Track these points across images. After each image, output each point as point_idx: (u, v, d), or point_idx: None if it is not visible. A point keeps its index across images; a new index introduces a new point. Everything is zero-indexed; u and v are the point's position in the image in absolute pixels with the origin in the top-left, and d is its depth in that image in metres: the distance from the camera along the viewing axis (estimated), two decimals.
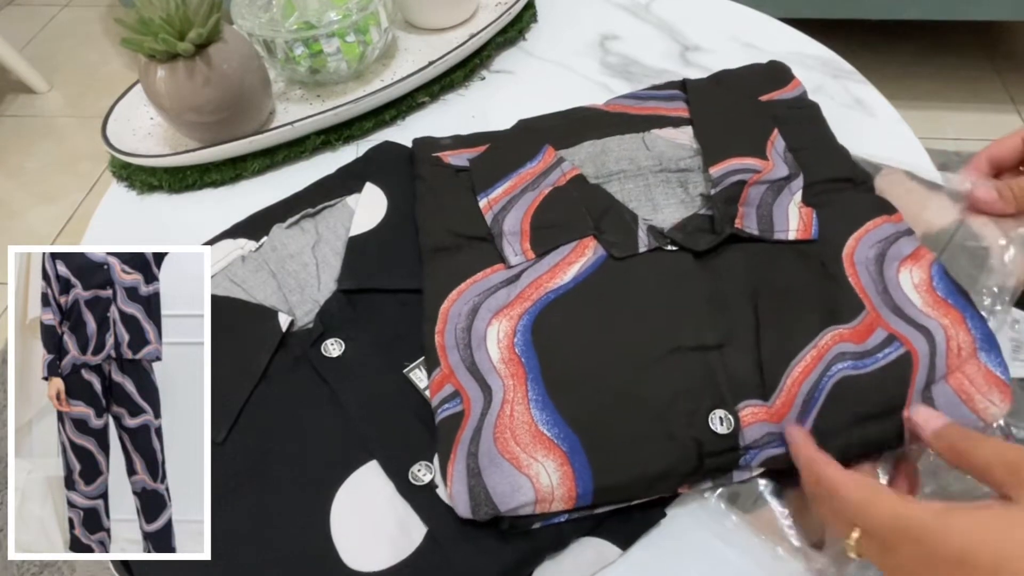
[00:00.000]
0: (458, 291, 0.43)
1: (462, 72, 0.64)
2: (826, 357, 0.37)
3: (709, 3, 0.70)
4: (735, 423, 0.36)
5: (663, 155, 0.50)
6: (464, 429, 0.37)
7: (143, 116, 0.62)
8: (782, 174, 0.46)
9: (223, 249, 0.49)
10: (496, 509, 0.34)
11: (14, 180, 1.54)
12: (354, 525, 0.36)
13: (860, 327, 0.39)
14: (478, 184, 0.48)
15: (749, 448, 0.36)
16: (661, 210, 0.47)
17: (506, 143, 0.52)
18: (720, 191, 0.45)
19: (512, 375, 0.38)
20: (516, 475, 0.35)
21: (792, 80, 0.54)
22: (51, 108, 1.70)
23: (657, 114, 0.53)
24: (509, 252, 0.44)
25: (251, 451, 0.39)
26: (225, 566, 0.36)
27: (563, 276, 0.42)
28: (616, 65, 0.65)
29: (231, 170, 0.58)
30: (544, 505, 0.34)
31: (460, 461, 0.36)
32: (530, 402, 0.37)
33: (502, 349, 0.40)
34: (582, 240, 0.44)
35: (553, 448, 0.35)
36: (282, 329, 0.43)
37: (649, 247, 0.43)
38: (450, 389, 0.39)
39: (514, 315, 0.41)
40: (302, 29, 0.58)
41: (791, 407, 0.36)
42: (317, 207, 0.50)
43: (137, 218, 0.57)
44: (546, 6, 0.72)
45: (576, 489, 0.34)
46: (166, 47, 0.51)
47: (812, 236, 0.43)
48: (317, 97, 0.62)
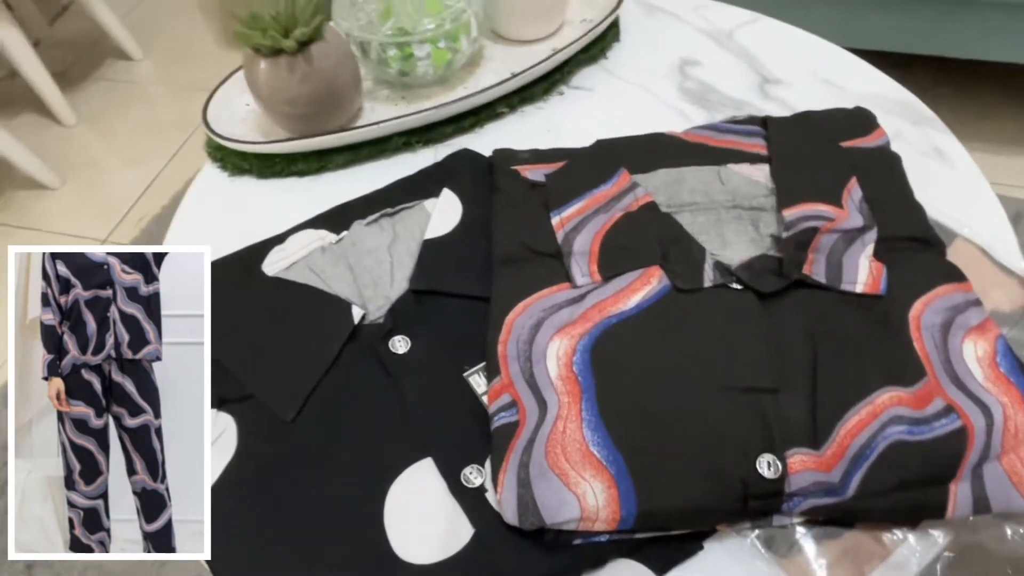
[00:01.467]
0: (524, 304, 0.45)
1: (542, 86, 0.66)
2: (881, 417, 0.38)
3: (792, 36, 0.70)
4: (783, 469, 0.36)
5: (737, 191, 0.50)
6: (518, 438, 0.39)
7: (240, 102, 0.66)
8: (856, 224, 0.46)
9: (306, 238, 0.52)
10: (542, 520, 0.36)
11: (105, 141, 1.63)
12: (406, 518, 0.39)
13: (919, 393, 0.39)
14: (552, 201, 0.50)
15: (794, 495, 0.36)
16: (730, 246, 0.47)
17: (583, 162, 0.53)
18: (792, 235, 0.45)
19: (568, 392, 0.40)
20: (564, 491, 0.36)
21: (876, 129, 0.54)
22: (143, 75, 1.79)
23: (735, 148, 0.54)
24: (576, 272, 0.46)
25: (316, 434, 0.42)
26: (288, 538, 0.39)
27: (627, 302, 0.44)
28: (694, 91, 0.65)
29: (317, 162, 0.61)
30: (587, 524, 0.36)
31: (512, 470, 0.38)
32: (583, 421, 0.39)
33: (560, 366, 0.41)
34: (648, 268, 0.45)
35: (601, 469, 0.37)
36: (354, 321, 0.46)
37: (714, 282, 0.44)
38: (508, 398, 0.41)
39: (575, 334, 0.42)
40: (397, 34, 0.61)
41: (841, 458, 0.37)
42: (396, 207, 0.53)
43: (226, 199, 0.61)
44: (630, 26, 0.73)
45: (620, 512, 0.36)
46: (272, 43, 0.55)
47: (880, 291, 0.43)
48: (402, 99, 0.65)
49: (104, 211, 1.48)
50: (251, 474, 0.41)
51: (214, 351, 0.45)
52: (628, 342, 0.42)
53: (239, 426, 0.43)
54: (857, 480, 0.36)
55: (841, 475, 0.36)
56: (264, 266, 0.50)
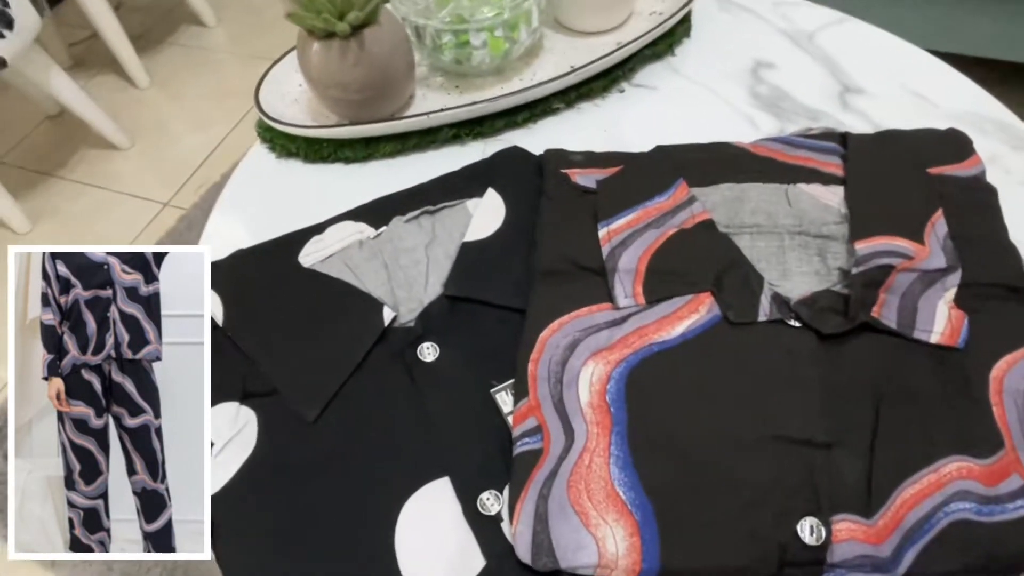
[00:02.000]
0: (560, 322, 0.42)
1: (603, 82, 0.62)
2: (946, 489, 0.34)
3: (881, 40, 0.65)
4: (827, 536, 0.33)
5: (805, 215, 0.46)
6: (540, 468, 0.37)
7: (293, 82, 0.65)
8: (938, 265, 0.41)
9: (344, 230, 0.51)
10: (556, 563, 0.34)
11: (175, 104, 1.67)
12: (417, 539, 0.37)
13: (995, 467, 0.35)
14: (601, 211, 0.47)
15: (836, 567, 0.33)
16: (791, 278, 0.43)
17: (639, 169, 0.50)
18: (862, 271, 0.41)
19: (598, 423, 0.38)
20: (583, 532, 0.34)
21: (971, 156, 0.48)
22: (215, 43, 1.82)
23: (808, 166, 0.49)
24: (619, 292, 0.43)
25: (337, 438, 0.41)
26: (297, 543, 0.38)
27: (671, 330, 0.41)
28: (766, 96, 0.61)
29: (364, 149, 0.60)
30: (605, 571, 0.34)
31: (530, 501, 0.36)
32: (611, 457, 0.36)
33: (593, 393, 0.39)
34: (698, 295, 0.42)
35: (626, 513, 0.35)
36: (385, 323, 0.44)
37: (770, 317, 0.40)
38: (533, 423, 0.39)
39: (612, 360, 0.40)
40: (454, 21, 0.58)
41: (895, 531, 0.33)
42: (438, 205, 0.51)
43: (272, 180, 0.61)
44: (702, 22, 0.68)
45: (641, 564, 0.33)
46: (325, 25, 0.53)
47: (958, 344, 0.39)
48: (455, 88, 0.63)
49: (168, 174, 1.51)
50: (268, 474, 0.41)
51: (241, 342, 0.45)
52: (668, 374, 0.39)
53: (260, 422, 0.42)
54: (911, 558, 0.33)
55: (893, 550, 0.33)
56: (301, 256, 0.49)
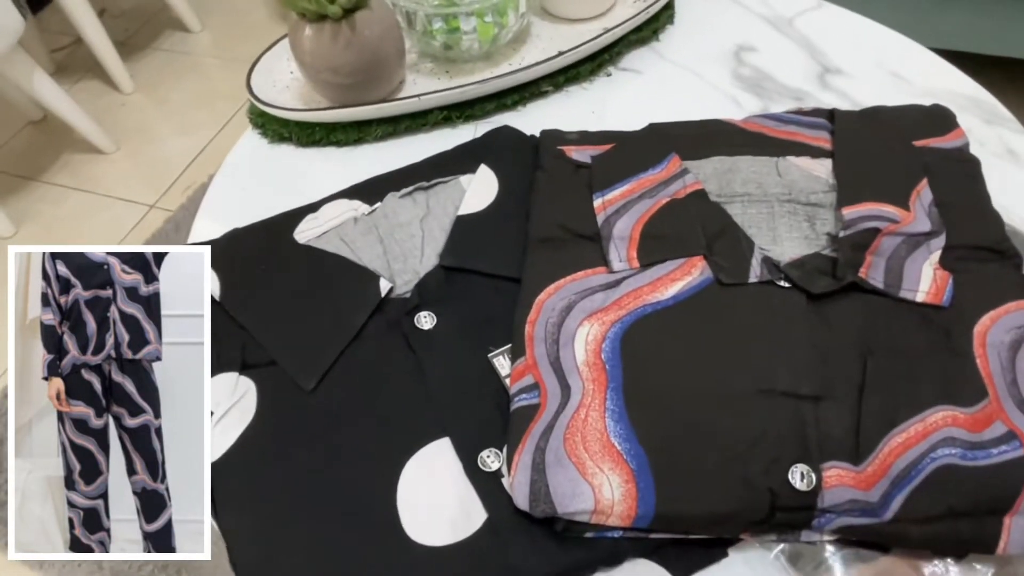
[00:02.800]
0: (556, 285, 0.43)
1: (589, 66, 0.64)
2: (932, 437, 0.35)
3: (858, 24, 0.67)
4: (817, 482, 0.34)
5: (794, 185, 0.47)
6: (537, 422, 0.37)
7: (284, 70, 0.66)
8: (923, 229, 0.43)
9: (338, 208, 0.51)
10: (553, 509, 0.34)
11: (159, 109, 1.67)
12: (419, 498, 0.38)
13: (979, 415, 0.36)
14: (596, 183, 0.48)
15: (826, 511, 0.34)
16: (781, 242, 0.45)
17: (632, 145, 0.51)
18: (850, 234, 0.42)
19: (593, 380, 0.38)
20: (579, 481, 0.35)
21: (955, 129, 0.50)
22: (199, 47, 1.82)
23: (797, 140, 0.50)
24: (614, 257, 0.44)
25: (335, 405, 0.42)
26: (297, 512, 0.38)
27: (664, 291, 0.41)
28: (749, 78, 0.63)
29: (355, 132, 0.61)
30: (600, 517, 0.34)
31: (527, 453, 0.36)
32: (606, 411, 0.37)
33: (588, 352, 0.40)
34: (691, 258, 0.43)
35: (621, 463, 0.35)
36: (381, 294, 0.45)
37: (760, 278, 0.41)
38: (530, 380, 0.39)
39: (607, 321, 0.41)
40: (443, 5, 0.60)
41: (883, 477, 0.34)
42: (431, 181, 0.52)
43: (265, 165, 0.61)
44: (685, 8, 0.70)
45: (636, 510, 0.34)
46: (317, 8, 0.54)
47: (943, 303, 0.40)
48: (445, 73, 0.64)
49: (154, 177, 1.51)
50: (268, 441, 0.41)
51: (238, 315, 0.45)
52: (662, 333, 0.40)
53: (260, 391, 0.43)
54: (898, 502, 0.34)
55: (881, 495, 0.34)
56: (296, 233, 0.50)
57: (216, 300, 0.46)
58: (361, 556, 0.37)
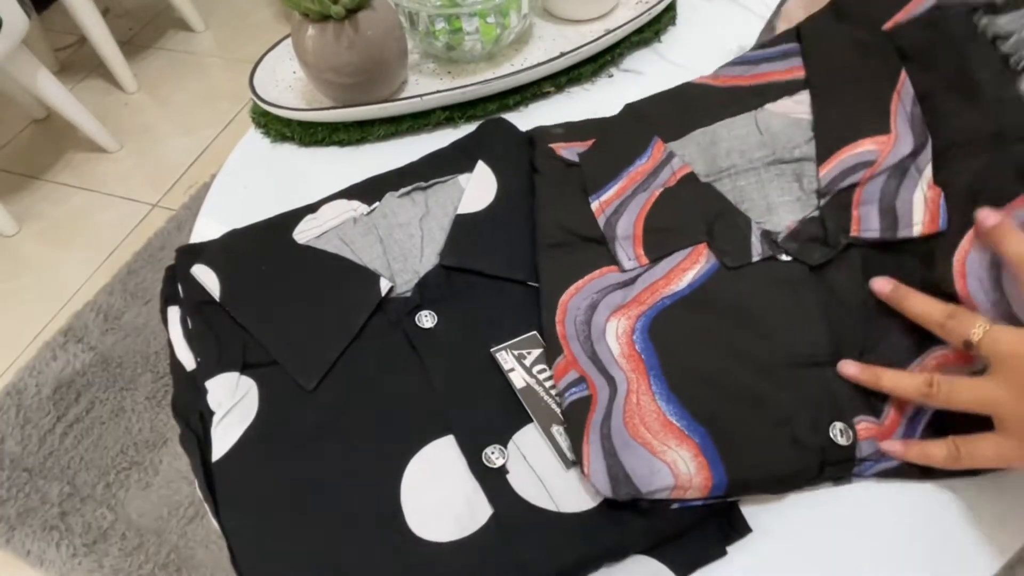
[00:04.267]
0: (576, 286, 0.44)
1: (591, 67, 0.64)
2: None
3: None
4: (854, 436, 0.37)
5: (776, 140, 0.47)
6: (594, 411, 0.38)
7: (287, 69, 0.66)
8: (906, 150, 0.42)
9: (337, 208, 0.51)
10: (637, 490, 0.35)
11: (162, 109, 1.67)
12: (424, 494, 0.38)
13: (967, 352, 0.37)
14: (590, 185, 0.48)
15: (864, 460, 0.37)
16: (776, 210, 0.45)
17: (615, 135, 0.51)
18: (830, 200, 0.43)
19: (633, 369, 0.40)
20: (653, 459, 0.36)
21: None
22: (203, 47, 1.82)
23: (771, 81, 0.50)
24: (623, 257, 0.44)
25: (337, 404, 0.42)
26: (300, 511, 0.38)
27: (679, 282, 0.43)
28: None
29: (358, 132, 0.61)
30: (680, 492, 0.35)
31: (594, 442, 0.37)
32: (655, 394, 0.38)
33: (622, 345, 0.41)
34: (695, 247, 0.44)
35: (684, 439, 0.37)
36: (381, 293, 0.45)
37: (762, 255, 0.43)
38: (575, 375, 0.40)
39: (631, 315, 0.42)
40: (446, 6, 0.60)
41: (899, 425, 0.37)
42: (429, 181, 0.52)
43: (267, 164, 0.61)
44: (687, 10, 0.70)
45: (712, 479, 0.35)
46: (320, 8, 0.54)
47: (940, 227, 0.40)
48: (448, 73, 0.64)
49: (157, 177, 1.51)
50: (269, 440, 0.41)
51: (239, 315, 0.45)
52: (686, 320, 0.41)
53: (261, 391, 0.43)
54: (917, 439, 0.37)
55: (900, 436, 0.37)
56: (295, 233, 0.50)
57: (217, 300, 0.46)
58: (365, 552, 0.37)
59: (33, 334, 1.27)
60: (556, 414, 0.40)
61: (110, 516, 1.01)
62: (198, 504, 1.01)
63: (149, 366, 1.17)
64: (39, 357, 1.20)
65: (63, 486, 1.05)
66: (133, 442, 1.09)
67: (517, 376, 0.41)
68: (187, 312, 0.47)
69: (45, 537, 1.00)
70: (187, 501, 1.02)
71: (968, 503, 0.37)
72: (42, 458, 1.08)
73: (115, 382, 1.16)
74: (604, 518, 0.36)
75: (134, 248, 1.36)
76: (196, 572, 0.95)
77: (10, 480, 1.06)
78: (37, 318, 1.29)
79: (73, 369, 1.18)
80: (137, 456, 1.08)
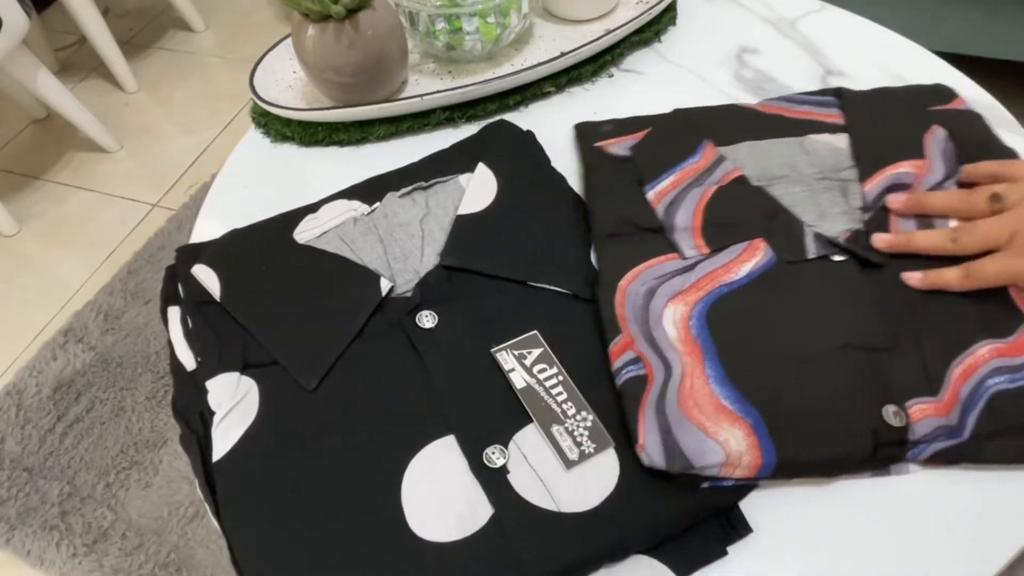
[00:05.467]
0: (634, 272, 0.46)
1: (592, 67, 0.64)
2: (982, 369, 0.39)
3: (861, 28, 0.67)
4: (906, 418, 0.38)
5: (823, 162, 0.51)
6: (650, 390, 0.40)
7: (287, 69, 0.66)
8: (937, 178, 0.47)
9: (337, 208, 0.51)
10: (689, 464, 0.36)
11: (162, 109, 1.67)
12: (424, 494, 0.38)
13: (1017, 342, 0.40)
14: (644, 176, 0.51)
15: (918, 443, 0.38)
16: (827, 218, 0.48)
17: (665, 132, 0.54)
18: (874, 215, 0.46)
19: (689, 353, 0.41)
20: (705, 439, 0.37)
21: (956, 98, 0.54)
22: (203, 47, 1.82)
23: (812, 119, 0.54)
24: (684, 246, 0.47)
25: (338, 404, 0.42)
26: (300, 511, 0.38)
27: (737, 272, 0.45)
28: (751, 80, 0.63)
29: (358, 132, 0.61)
30: (730, 469, 0.37)
31: (650, 418, 0.38)
32: (708, 378, 0.40)
33: (678, 330, 0.42)
34: (753, 241, 0.46)
35: (737, 420, 0.38)
36: (382, 293, 0.45)
37: (817, 254, 0.45)
38: (632, 355, 0.41)
39: (689, 301, 0.44)
40: (446, 6, 0.60)
41: (956, 404, 0.38)
42: (430, 181, 0.52)
43: (267, 164, 0.61)
44: (687, 11, 0.70)
45: (761, 459, 0.37)
46: (320, 8, 0.54)
47: None
48: (448, 73, 0.64)
49: (157, 176, 1.51)
50: (270, 440, 0.41)
51: (239, 315, 0.45)
52: (743, 308, 0.43)
53: (261, 391, 0.43)
54: (972, 423, 0.38)
55: (958, 417, 0.38)
56: (295, 234, 0.50)
57: (217, 300, 0.46)
58: (366, 552, 0.37)
59: (33, 334, 1.27)
60: (556, 414, 0.40)
61: (110, 516, 1.01)
62: (198, 504, 1.01)
63: (149, 366, 1.17)
64: (39, 357, 1.20)
65: (63, 486, 1.05)
66: (133, 442, 1.09)
67: (517, 376, 0.41)
68: (187, 312, 0.47)
69: (45, 537, 1.00)
70: (187, 501, 1.02)
71: (968, 503, 0.37)
72: (42, 458, 1.08)
73: (115, 382, 1.16)
74: (604, 518, 0.36)
75: (134, 248, 1.36)
76: (196, 572, 0.95)
77: (10, 480, 1.06)
78: (37, 318, 1.29)
79: (73, 369, 1.18)
80: (137, 456, 1.08)
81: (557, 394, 0.41)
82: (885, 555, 0.36)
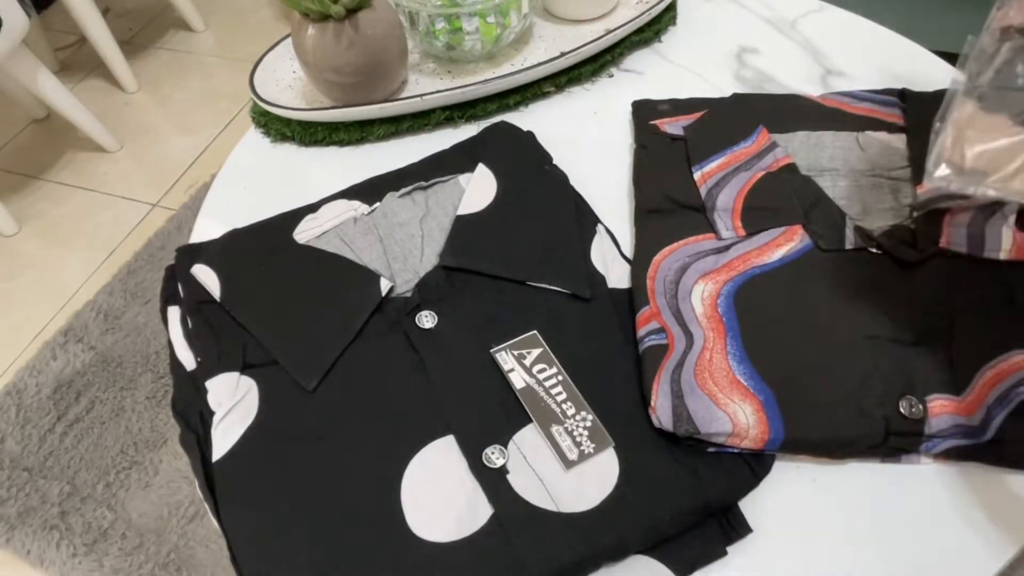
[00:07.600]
0: (670, 248, 0.47)
1: (591, 67, 0.64)
2: (1015, 375, 0.39)
3: (861, 28, 0.67)
4: (923, 411, 0.38)
5: (876, 160, 0.51)
6: (668, 358, 0.41)
7: (287, 69, 0.66)
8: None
9: (337, 208, 0.51)
10: (696, 429, 0.37)
11: (162, 108, 1.67)
12: (424, 494, 0.38)
13: None
14: (694, 156, 0.51)
15: (932, 437, 0.38)
16: (871, 214, 0.48)
17: (721, 116, 0.54)
18: (924, 215, 0.46)
19: (713, 329, 0.42)
20: (714, 408, 0.38)
21: None
22: (203, 47, 1.82)
23: (872, 116, 0.54)
24: (722, 227, 0.47)
25: (337, 404, 0.42)
26: (300, 511, 0.38)
27: (771, 255, 0.46)
28: (750, 80, 0.63)
29: (358, 132, 0.61)
30: (736, 440, 0.38)
31: (664, 383, 0.40)
32: (728, 354, 0.41)
33: (706, 306, 0.43)
34: (791, 227, 0.47)
35: (749, 395, 0.39)
36: (381, 293, 0.45)
37: (855, 246, 0.45)
38: (656, 325, 0.43)
39: (720, 280, 0.45)
40: (446, 6, 0.60)
41: (981, 406, 0.38)
42: (430, 181, 0.52)
43: (267, 163, 0.61)
44: (687, 11, 0.70)
45: (769, 434, 0.38)
46: (320, 7, 0.54)
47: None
48: (448, 73, 0.64)
49: (157, 176, 1.51)
50: (270, 440, 0.41)
51: (239, 315, 0.45)
52: (772, 290, 0.44)
53: (261, 391, 0.43)
54: (998, 422, 0.37)
55: (981, 419, 0.38)
56: (295, 234, 0.50)
57: (217, 300, 0.46)
58: (365, 552, 0.37)
59: (33, 334, 1.27)
60: (556, 414, 0.40)
61: (110, 516, 1.01)
62: (198, 504, 1.01)
63: (149, 366, 1.17)
64: (39, 357, 1.20)
65: (63, 486, 1.05)
66: (133, 442, 1.09)
67: (517, 376, 0.41)
68: (187, 312, 0.47)
69: (45, 537, 1.00)
70: (187, 501, 1.02)
71: (968, 503, 0.37)
72: (42, 458, 1.08)
73: (115, 382, 1.16)
74: (604, 518, 0.36)
75: (134, 248, 1.36)
76: (196, 572, 0.95)
77: (10, 480, 1.06)
78: (37, 318, 1.29)
79: (73, 369, 1.18)
80: (137, 456, 1.08)
81: (556, 394, 0.41)
82: (885, 555, 0.36)
